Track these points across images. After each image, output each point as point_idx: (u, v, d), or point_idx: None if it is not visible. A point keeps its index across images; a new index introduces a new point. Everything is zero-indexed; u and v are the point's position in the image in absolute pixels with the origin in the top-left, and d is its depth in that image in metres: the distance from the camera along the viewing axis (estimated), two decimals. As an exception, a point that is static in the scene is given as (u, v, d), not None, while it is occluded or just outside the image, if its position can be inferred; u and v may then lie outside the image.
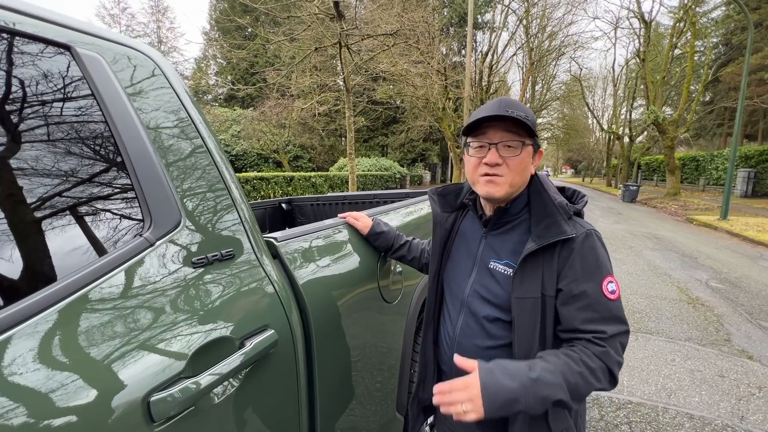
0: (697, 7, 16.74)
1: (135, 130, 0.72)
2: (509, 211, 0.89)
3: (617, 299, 0.79)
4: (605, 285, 0.79)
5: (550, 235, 0.80)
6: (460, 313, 0.93)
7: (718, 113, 23.44)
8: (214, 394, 0.67)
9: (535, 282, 0.81)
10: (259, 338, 0.75)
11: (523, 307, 0.81)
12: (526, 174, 0.87)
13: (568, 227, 0.81)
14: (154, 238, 0.68)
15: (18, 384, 0.47)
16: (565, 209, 0.84)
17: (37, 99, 0.61)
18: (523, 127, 0.83)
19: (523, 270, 0.82)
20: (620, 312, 0.79)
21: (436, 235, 1.03)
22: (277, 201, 3.03)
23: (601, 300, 0.78)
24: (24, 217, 0.55)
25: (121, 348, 0.57)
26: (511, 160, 0.84)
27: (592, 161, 42.92)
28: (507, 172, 0.84)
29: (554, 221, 0.82)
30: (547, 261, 0.81)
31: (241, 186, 0.87)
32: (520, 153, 0.83)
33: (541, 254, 0.81)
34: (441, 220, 1.03)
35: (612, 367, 0.75)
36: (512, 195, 0.88)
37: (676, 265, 5.68)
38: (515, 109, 0.82)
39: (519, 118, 0.80)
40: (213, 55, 31.46)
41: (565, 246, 0.81)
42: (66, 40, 0.68)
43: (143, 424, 0.55)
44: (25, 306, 0.50)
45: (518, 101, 0.86)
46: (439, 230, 1.02)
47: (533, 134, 0.85)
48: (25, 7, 0.64)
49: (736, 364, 2.84)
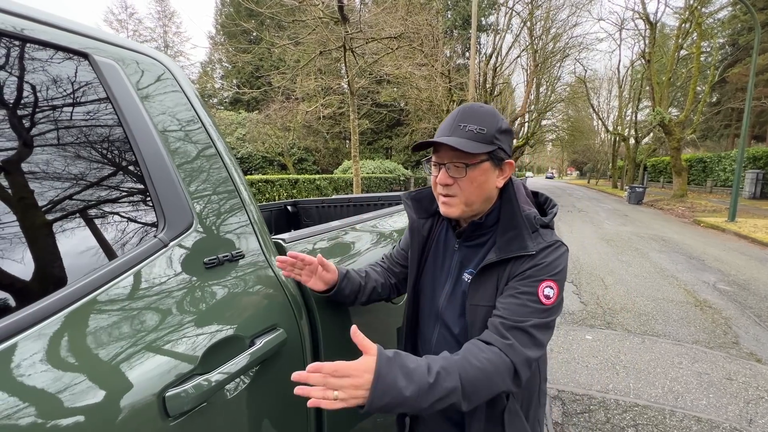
0: (702, 7, 16.62)
1: (149, 134, 0.74)
2: (483, 224, 0.85)
3: (550, 305, 0.75)
4: (542, 287, 0.76)
5: (511, 249, 0.78)
6: (435, 326, 0.91)
7: (725, 114, 23.25)
8: (226, 391, 0.69)
9: (489, 291, 0.80)
10: (269, 337, 0.77)
11: (476, 314, 0.80)
12: (485, 191, 0.81)
13: (530, 243, 0.78)
14: (167, 239, 0.70)
15: (46, 379, 0.49)
16: (532, 222, 0.81)
17: (58, 105, 0.63)
18: (480, 143, 0.76)
19: (479, 278, 0.81)
20: (547, 315, 0.75)
21: (414, 242, 0.96)
22: (283, 203, 3.06)
23: (533, 299, 0.75)
24: (43, 219, 0.57)
25: (135, 345, 0.59)
26: (462, 181, 0.79)
27: (598, 163, 42.69)
28: (459, 192, 0.80)
29: (518, 234, 0.79)
30: (503, 272, 0.79)
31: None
32: (467, 173, 0.78)
33: (500, 266, 0.80)
34: (418, 227, 0.96)
35: (517, 363, 0.70)
36: (472, 213, 0.84)
37: (683, 268, 5.63)
38: (470, 122, 0.77)
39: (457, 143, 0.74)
40: (219, 59, 31.77)
41: (523, 258, 0.78)
42: (84, 48, 0.70)
43: (159, 418, 0.57)
44: (49, 303, 0.52)
45: (483, 107, 0.81)
46: (416, 237, 0.96)
47: (496, 147, 0.78)
48: (45, 17, 0.66)
49: (745, 367, 2.81)
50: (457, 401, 0.65)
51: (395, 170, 21.25)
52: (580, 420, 2.23)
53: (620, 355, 3.01)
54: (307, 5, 8.86)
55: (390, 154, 26.91)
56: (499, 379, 0.69)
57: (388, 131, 26.38)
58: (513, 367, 0.70)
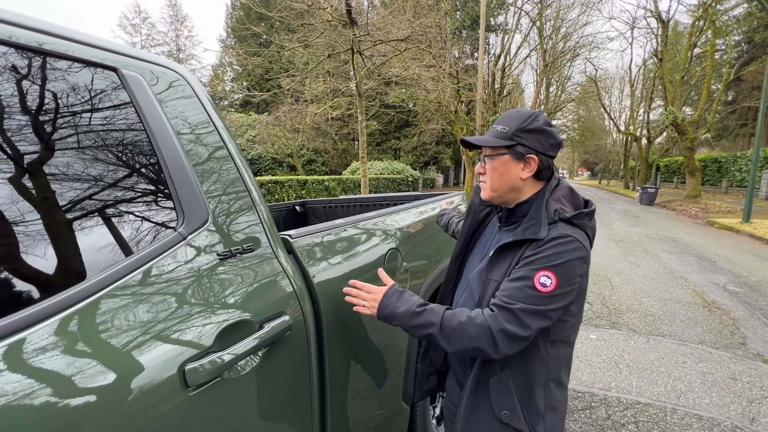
0: (717, 4, 16.33)
1: (169, 138, 0.83)
2: (515, 212, 0.99)
3: (546, 293, 0.82)
4: (539, 275, 0.83)
5: (525, 234, 0.89)
6: (464, 291, 1.07)
7: (741, 113, 22.75)
8: (238, 368, 0.77)
9: (502, 269, 0.92)
10: (275, 322, 0.85)
11: (488, 287, 0.94)
12: (507, 181, 0.95)
13: (542, 230, 0.87)
14: (186, 232, 0.79)
15: (87, 351, 0.57)
16: (551, 214, 0.89)
17: (91, 115, 0.72)
18: (500, 139, 0.95)
19: (497, 256, 0.95)
20: (540, 303, 0.82)
21: (467, 222, 1.16)
22: (291, 204, 3.16)
23: (528, 284, 0.83)
24: (70, 217, 0.66)
25: (160, 324, 0.67)
26: (488, 170, 0.98)
27: (609, 163, 42.10)
28: (487, 179, 0.99)
29: (536, 222, 0.89)
30: (518, 254, 0.90)
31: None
32: (489, 164, 0.98)
33: (516, 248, 0.91)
34: (476, 210, 1.15)
35: (494, 330, 0.82)
36: (500, 198, 0.99)
37: (693, 269, 5.58)
38: (499, 124, 0.97)
39: (482, 140, 0.95)
40: (229, 62, 32.25)
41: (535, 244, 0.88)
42: (112, 63, 0.79)
43: (180, 388, 0.65)
44: (88, 285, 0.61)
45: (519, 111, 0.98)
46: (470, 218, 1.15)
47: (515, 143, 0.92)
48: (79, 37, 0.75)
49: (750, 367, 2.81)
50: (435, 334, 0.87)
51: (403, 171, 21.31)
52: (581, 416, 2.26)
53: (624, 354, 3.03)
54: (315, 9, 9.00)
55: (398, 155, 26.98)
56: (475, 335, 0.84)
57: (397, 132, 26.45)
58: (490, 332, 0.83)
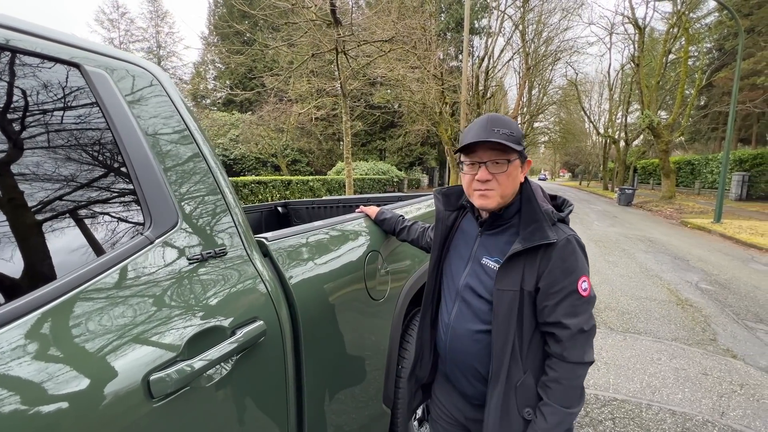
0: (690, 13, 16.96)
1: (136, 139, 0.80)
2: (503, 215, 1.00)
3: (588, 296, 0.92)
4: (579, 283, 0.91)
5: (534, 239, 0.90)
6: (455, 301, 1.04)
7: (712, 117, 23.65)
8: (208, 376, 0.74)
9: (515, 277, 0.92)
10: (249, 328, 0.83)
11: (502, 298, 0.92)
12: (516, 184, 0.97)
13: (551, 233, 0.90)
14: (153, 236, 0.76)
15: (35, 367, 0.54)
16: (551, 216, 0.94)
17: (51, 111, 0.69)
18: (514, 143, 0.93)
19: (507, 266, 0.93)
20: (589, 303, 0.92)
21: (438, 229, 1.14)
22: (273, 204, 3.11)
23: (575, 295, 0.90)
24: (33, 218, 0.62)
25: (123, 333, 0.64)
26: (500, 176, 0.94)
27: (589, 165, 43.13)
28: (497, 186, 0.94)
29: (540, 227, 0.91)
30: (530, 261, 0.91)
31: (239, 189, 0.95)
32: (507, 168, 0.93)
33: (525, 255, 0.92)
34: (443, 217, 1.14)
35: (586, 359, 0.89)
36: (504, 204, 0.98)
37: (667, 268, 5.77)
38: (500, 127, 0.92)
39: (501, 140, 0.90)
40: (212, 60, 31.59)
41: (547, 249, 0.91)
42: (74, 58, 0.75)
43: (144, 399, 0.62)
44: (40, 294, 0.58)
45: (504, 116, 0.96)
46: (441, 225, 1.13)
47: (520, 147, 0.94)
48: (39, 30, 0.71)
49: (720, 363, 2.92)
50: (577, 413, 0.90)
51: (389, 172, 21.32)
52: (561, 414, 2.30)
53: (602, 351, 3.10)
54: (299, 8, 8.91)
55: (384, 156, 26.97)
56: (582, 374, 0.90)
57: (382, 133, 26.44)
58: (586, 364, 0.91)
